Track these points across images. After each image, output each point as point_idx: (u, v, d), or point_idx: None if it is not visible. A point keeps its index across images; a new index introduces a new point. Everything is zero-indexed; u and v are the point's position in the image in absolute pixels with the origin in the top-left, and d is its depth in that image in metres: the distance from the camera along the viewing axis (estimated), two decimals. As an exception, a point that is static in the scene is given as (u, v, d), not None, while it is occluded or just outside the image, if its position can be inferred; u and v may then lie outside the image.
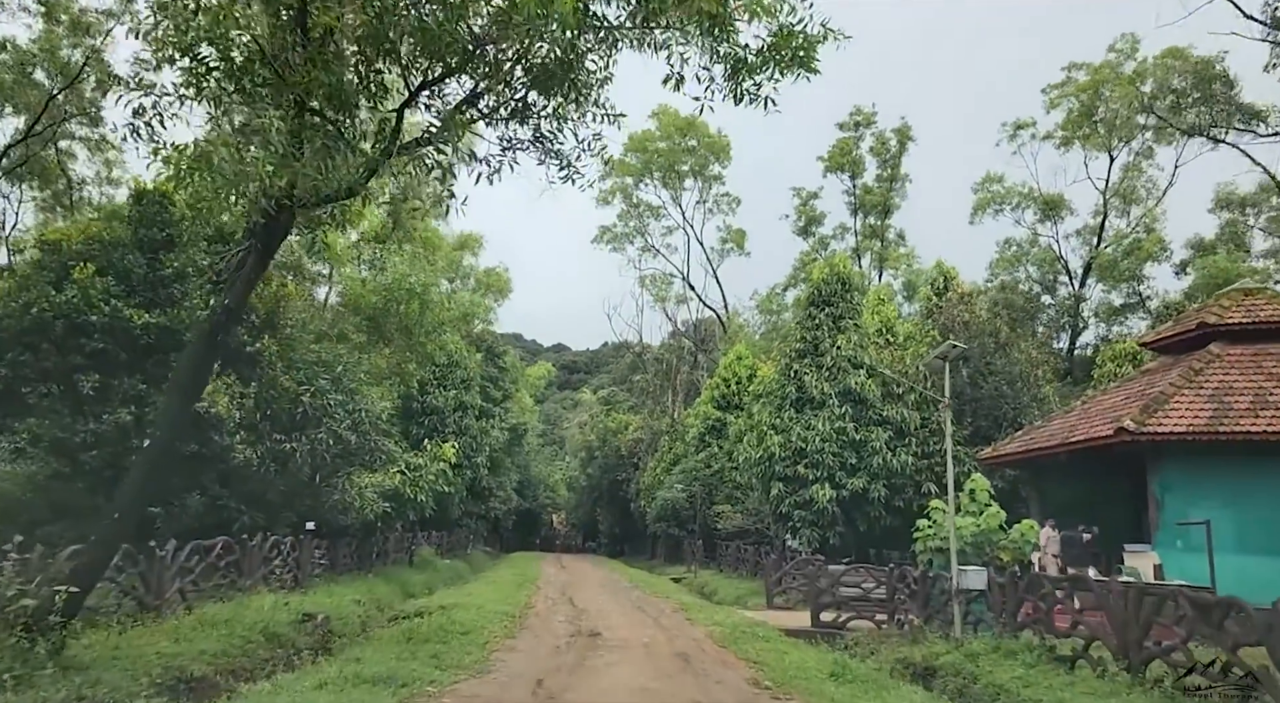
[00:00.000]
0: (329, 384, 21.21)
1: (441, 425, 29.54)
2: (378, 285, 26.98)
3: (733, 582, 32.08)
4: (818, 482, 25.48)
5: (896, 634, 16.98)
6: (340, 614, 15.33)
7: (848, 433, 25.73)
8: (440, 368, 30.48)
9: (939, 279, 29.21)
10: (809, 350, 27.27)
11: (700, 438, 47.63)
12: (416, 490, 25.06)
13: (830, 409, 26.02)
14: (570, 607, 21.32)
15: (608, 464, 60.78)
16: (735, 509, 37.94)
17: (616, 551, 67.15)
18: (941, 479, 25.61)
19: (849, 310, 27.53)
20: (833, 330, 27.19)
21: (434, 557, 35.24)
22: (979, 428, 26.11)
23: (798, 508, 25.71)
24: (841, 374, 26.44)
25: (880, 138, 54.94)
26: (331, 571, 22.49)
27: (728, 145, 57.57)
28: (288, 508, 21.66)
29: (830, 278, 27.81)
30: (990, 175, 46.62)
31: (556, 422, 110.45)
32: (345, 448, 21.43)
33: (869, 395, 26.12)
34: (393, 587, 23.98)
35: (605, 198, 57.29)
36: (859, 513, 25.74)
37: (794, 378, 27.07)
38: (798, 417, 26.48)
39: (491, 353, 45.11)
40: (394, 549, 30.06)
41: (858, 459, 25.68)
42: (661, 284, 61.39)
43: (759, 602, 24.90)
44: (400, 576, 26.30)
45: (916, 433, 25.79)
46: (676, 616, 20.05)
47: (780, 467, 25.97)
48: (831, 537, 25.55)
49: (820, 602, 18.60)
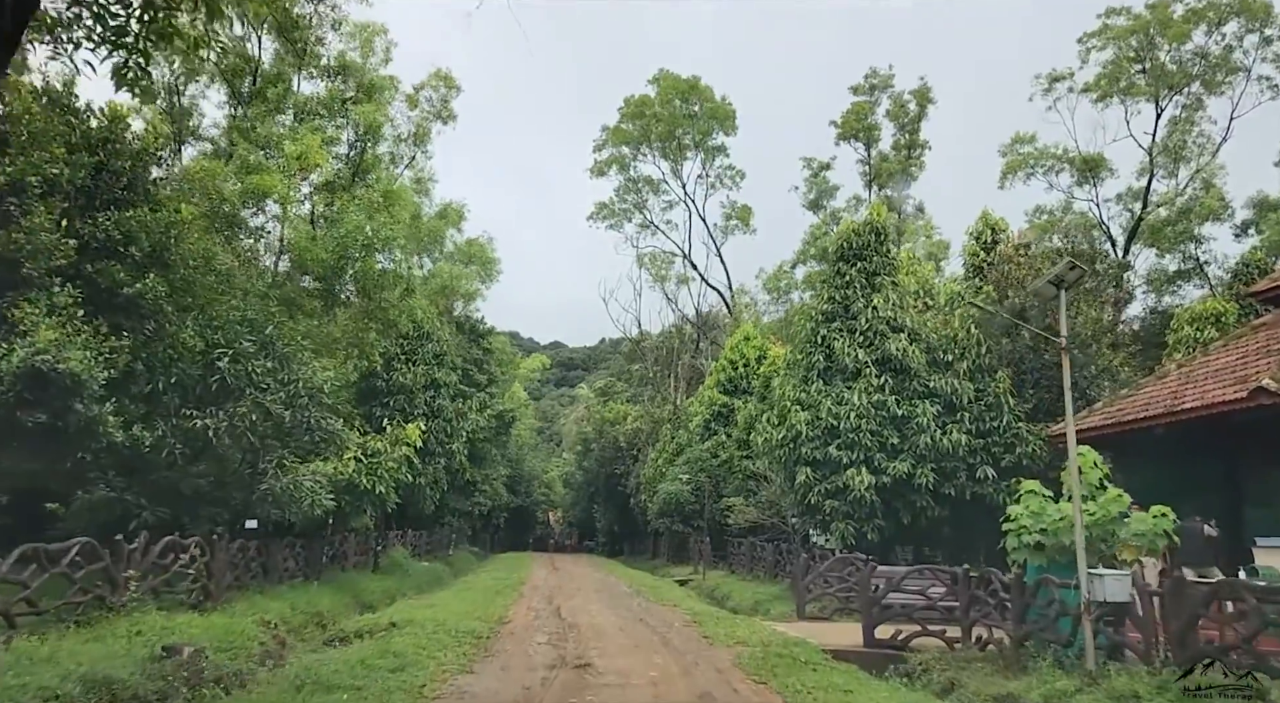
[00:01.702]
0: (255, 347, 17.10)
1: (410, 406, 25.45)
2: (329, 240, 22.86)
3: (748, 585, 27.99)
4: (853, 466, 21.38)
5: (979, 658, 12.87)
6: (233, 643, 11.20)
7: (888, 408, 21.63)
8: (409, 341, 26.36)
9: (985, 232, 25.11)
10: (838, 312, 23.16)
11: (705, 425, 43.59)
12: (375, 481, 20.97)
13: (867, 380, 21.92)
14: (556, 621, 17.22)
15: (605, 457, 56.65)
16: (749, 502, 33.86)
17: (615, 550, 63.05)
18: (1000, 462, 21.52)
19: (884, 265, 23.42)
20: (866, 289, 23.08)
21: (407, 559, 31.09)
22: (1041, 401, 22.02)
23: (829, 497, 21.61)
24: (879, 339, 22.33)
25: (898, 101, 50.87)
26: (266, 579, 18.37)
27: (733, 113, 53.38)
28: (210, 502, 17.59)
29: (862, 228, 23.71)
30: (1020, 136, 42.55)
31: (553, 419, 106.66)
32: (278, 427, 17.31)
33: (912, 363, 22.03)
34: (342, 597, 19.88)
35: (600, 169, 53.13)
36: (901, 503, 21.65)
37: (821, 345, 22.97)
38: (827, 390, 22.38)
39: (475, 333, 40.99)
40: (356, 551, 25.95)
41: (900, 439, 21.59)
42: (661, 264, 57.33)
43: (785, 610, 20.83)
44: (358, 582, 22.19)
45: (970, 407, 21.70)
46: (689, 631, 15.97)
47: (808, 449, 21.87)
48: (869, 531, 21.46)
49: (876, 613, 14.49)
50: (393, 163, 36.70)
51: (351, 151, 26.16)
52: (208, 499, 17.51)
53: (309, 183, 25.10)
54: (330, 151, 25.77)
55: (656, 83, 52.49)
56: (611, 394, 72.53)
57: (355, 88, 25.92)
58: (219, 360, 16.24)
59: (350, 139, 26.35)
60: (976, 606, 13.91)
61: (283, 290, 22.75)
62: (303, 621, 16.70)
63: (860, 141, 53.52)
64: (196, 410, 15.98)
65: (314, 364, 18.45)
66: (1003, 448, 21.36)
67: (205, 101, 25.10)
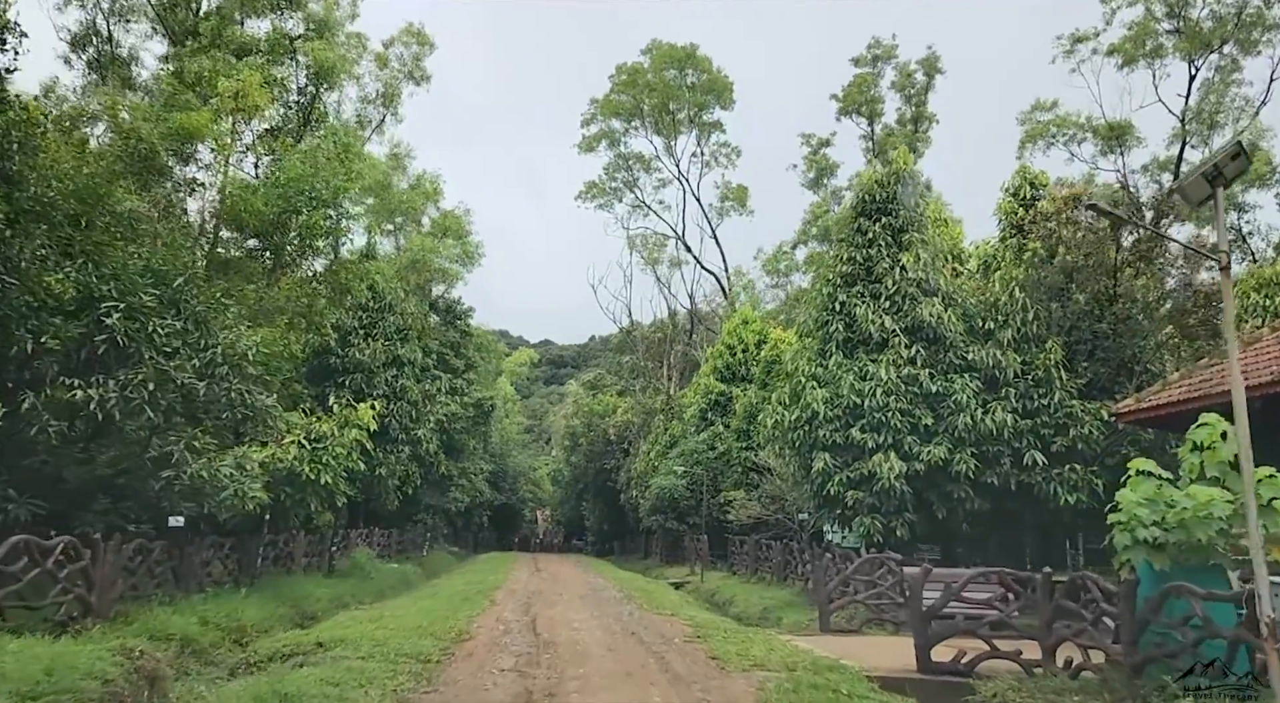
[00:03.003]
0: (158, 303, 13.89)
1: (369, 386, 22.26)
2: (270, 192, 19.63)
3: (753, 589, 24.92)
4: (880, 450, 18.34)
5: (1072, 688, 9.80)
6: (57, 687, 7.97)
7: (920, 383, 18.60)
8: (368, 312, 23.16)
9: (1023, 187, 22.07)
10: (859, 275, 20.11)
11: (701, 415, 40.54)
12: (320, 470, 17.80)
13: (895, 351, 18.87)
14: (530, 636, 14.07)
15: (594, 451, 53.49)
16: (751, 496, 30.81)
17: (605, 549, 59.91)
18: (1050, 446, 18.47)
19: (912, 221, 20.38)
20: (892, 248, 20.03)
21: (371, 561, 27.86)
22: (1096, 376, 19.01)
23: (851, 488, 18.56)
24: (908, 304, 19.29)
25: (904, 71, 47.91)
26: (178, 587, 15.14)
27: (730, 86, 50.23)
28: (109, 494, 14.41)
29: (887, 179, 20.65)
30: (1040, 103, 39.62)
31: (542, 416, 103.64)
32: (188, 401, 14.12)
33: (948, 332, 19.00)
34: (278, 607, 16.67)
35: (589, 144, 49.92)
36: (936, 493, 18.61)
37: (840, 312, 19.91)
38: (848, 363, 19.33)
39: (452, 315, 37.73)
40: (308, 551, 22.72)
41: (934, 419, 18.56)
42: (654, 247, 54.16)
43: (801, 619, 17.77)
44: (302, 589, 18.96)
45: (1015, 383, 18.67)
46: (693, 650, 12.86)
47: (826, 431, 18.82)
48: (898, 526, 18.41)
49: (933, 631, 11.39)
50: (360, 125, 33.50)
51: (302, 98, 22.99)
52: (106, 491, 14.34)
53: (251, 130, 21.84)
54: (276, 96, 22.55)
55: (650, 53, 49.34)
56: (601, 387, 69.40)
57: (305, 23, 22.72)
58: (107, 317, 13.02)
59: (301, 84, 23.17)
60: (1064, 620, 10.86)
61: (214, 249, 19.55)
62: (216, 639, 13.52)
63: (863, 116, 50.59)
64: (79, 380, 12.79)
65: (239, 328, 15.22)
66: (1053, 430, 18.33)
67: (146, 54, 21.94)
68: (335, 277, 20.23)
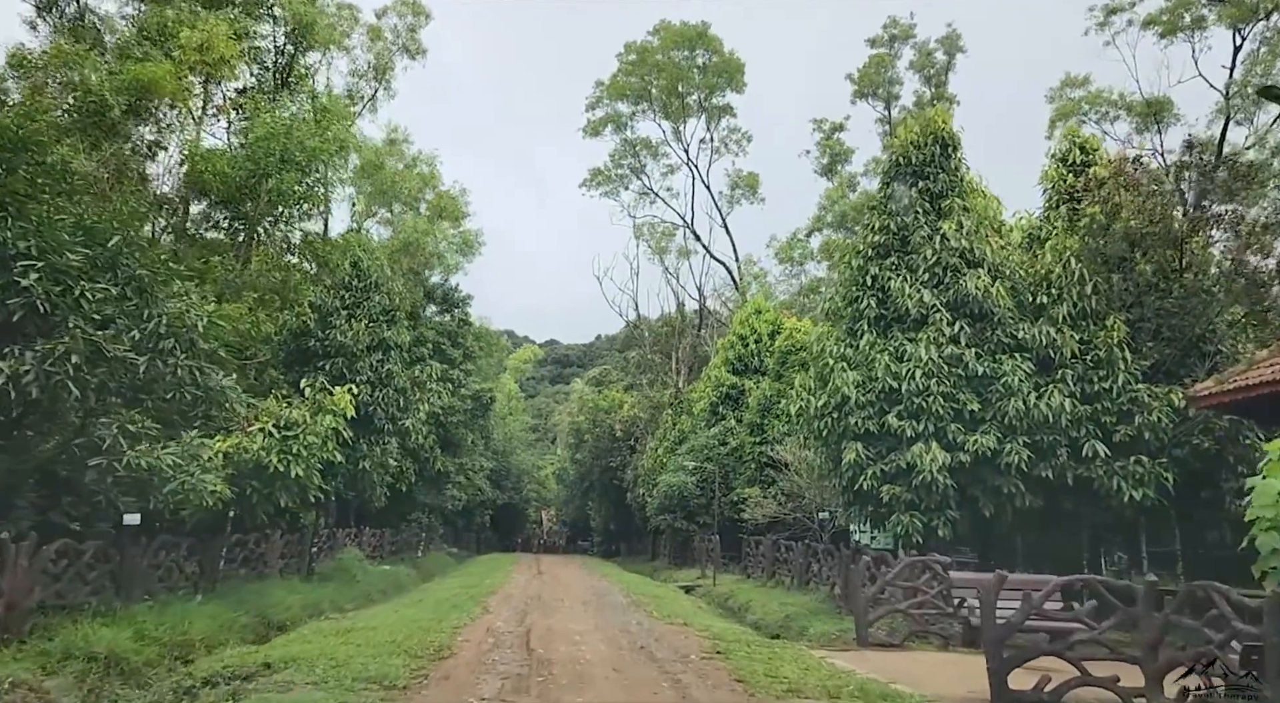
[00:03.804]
0: (87, 265, 11.92)
1: (351, 372, 20.28)
2: (236, 153, 17.65)
3: (771, 594, 22.85)
4: (920, 439, 16.28)
5: (1194, 725, 7.82)
6: None
7: (965, 364, 16.54)
8: (351, 292, 21.19)
9: (1073, 152, 19.97)
10: (894, 245, 18.04)
11: (712, 409, 38.49)
12: (291, 461, 15.82)
13: (936, 328, 16.81)
14: (522, 653, 12.04)
15: (599, 448, 51.41)
16: (766, 493, 28.78)
17: (611, 550, 57.87)
18: (1112, 435, 16.35)
19: (953, 185, 18.32)
20: (930, 215, 17.98)
21: (360, 562, 25.91)
22: (1164, 358, 16.89)
23: (887, 482, 16.51)
24: (950, 276, 17.23)
25: (922, 50, 45.74)
26: (119, 594, 13.16)
27: (741, 67, 48.12)
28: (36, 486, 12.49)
29: (923, 139, 18.58)
30: (1071, 78, 37.47)
31: (547, 416, 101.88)
32: (122, 377, 12.14)
33: (995, 306, 16.92)
34: (239, 616, 14.67)
35: (594, 128, 47.87)
36: (982, 488, 16.54)
37: (872, 286, 17.85)
38: (882, 342, 17.29)
39: (449, 302, 35.75)
40: (285, 553, 20.77)
41: (981, 405, 16.48)
42: (661, 236, 52.04)
43: (829, 630, 15.73)
44: (272, 594, 16.98)
45: (1072, 364, 16.58)
46: (714, 671, 10.81)
47: (858, 418, 16.77)
48: (940, 525, 16.34)
49: (1013, 653, 9.30)
50: (351, 100, 31.56)
51: (279, 59, 21.03)
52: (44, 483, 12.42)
53: (222, 91, 19.87)
54: (251, 56, 20.60)
55: (659, 33, 47.25)
56: (606, 383, 67.40)
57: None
58: (23, 277, 11.05)
59: (279, 44, 21.22)
60: (1176, 640, 8.80)
61: (182, 218, 17.60)
62: (154, 656, 11.53)
63: (879, 99, 48.46)
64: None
65: (190, 297, 13.23)
66: (1115, 417, 16.23)
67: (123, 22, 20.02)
68: (312, 249, 18.27)
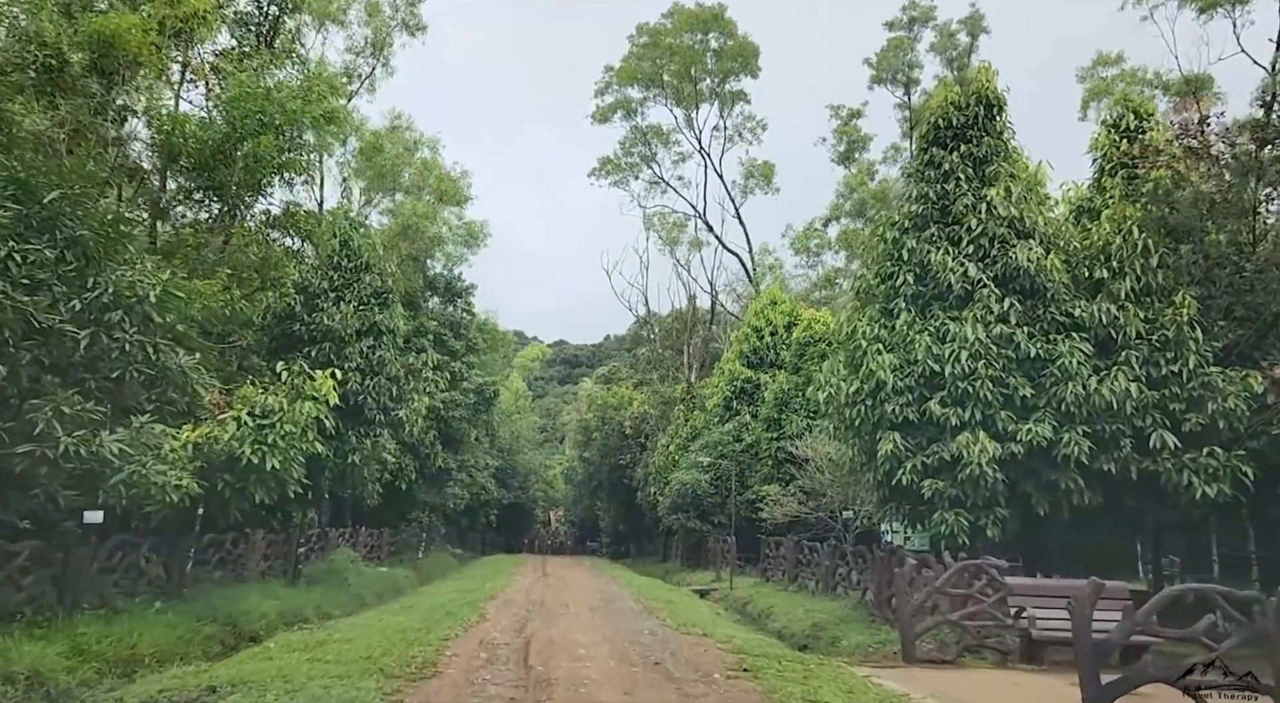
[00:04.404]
0: (18, 224, 10.36)
1: (339, 358, 18.71)
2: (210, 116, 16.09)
3: (794, 599, 21.19)
4: (966, 428, 14.57)
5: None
6: None
7: (1016, 344, 14.82)
8: (340, 272, 19.60)
9: (1126, 117, 18.23)
10: (933, 215, 16.34)
11: (726, 404, 36.86)
12: (266, 453, 14.22)
13: (983, 305, 15.10)
14: (518, 671, 10.38)
15: (608, 446, 49.78)
16: (786, 491, 27.11)
17: (620, 551, 56.20)
18: (1181, 425, 14.60)
19: (998, 149, 16.60)
20: (974, 182, 16.27)
21: (354, 564, 24.34)
22: (1238, 339, 15.13)
23: (929, 475, 14.80)
24: (997, 248, 15.52)
25: (944, 32, 43.94)
26: (61, 603, 11.60)
27: (756, 52, 46.39)
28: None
29: (965, 98, 16.88)
30: (1104, 56, 35.65)
31: (556, 416, 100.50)
32: (68, 352, 10.58)
33: (1049, 281, 15.20)
34: (202, 625, 13.08)
35: (603, 115, 46.25)
36: (1035, 483, 14.81)
37: (909, 261, 16.15)
38: (922, 322, 15.60)
39: (451, 292, 34.16)
40: (268, 554, 19.24)
41: (1035, 390, 14.76)
42: (673, 227, 50.36)
43: (865, 641, 14.06)
44: (248, 600, 15.38)
45: (1136, 345, 14.83)
46: (743, 695, 9.12)
47: (895, 406, 15.07)
48: (988, 524, 14.62)
49: (1118, 682, 7.58)
50: (348, 79, 30.05)
51: (263, 16, 19.44)
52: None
53: (198, 54, 18.31)
54: (230, 15, 19.03)
55: (671, 16, 45.59)
56: (616, 380, 65.83)
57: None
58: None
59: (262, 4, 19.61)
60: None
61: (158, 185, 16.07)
62: (91, 674, 9.96)
63: (898, 84, 46.69)
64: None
65: (143, 264, 11.66)
66: (1185, 404, 14.46)
67: None
68: (295, 223, 16.69)
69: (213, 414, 14.68)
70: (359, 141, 31.31)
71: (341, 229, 19.70)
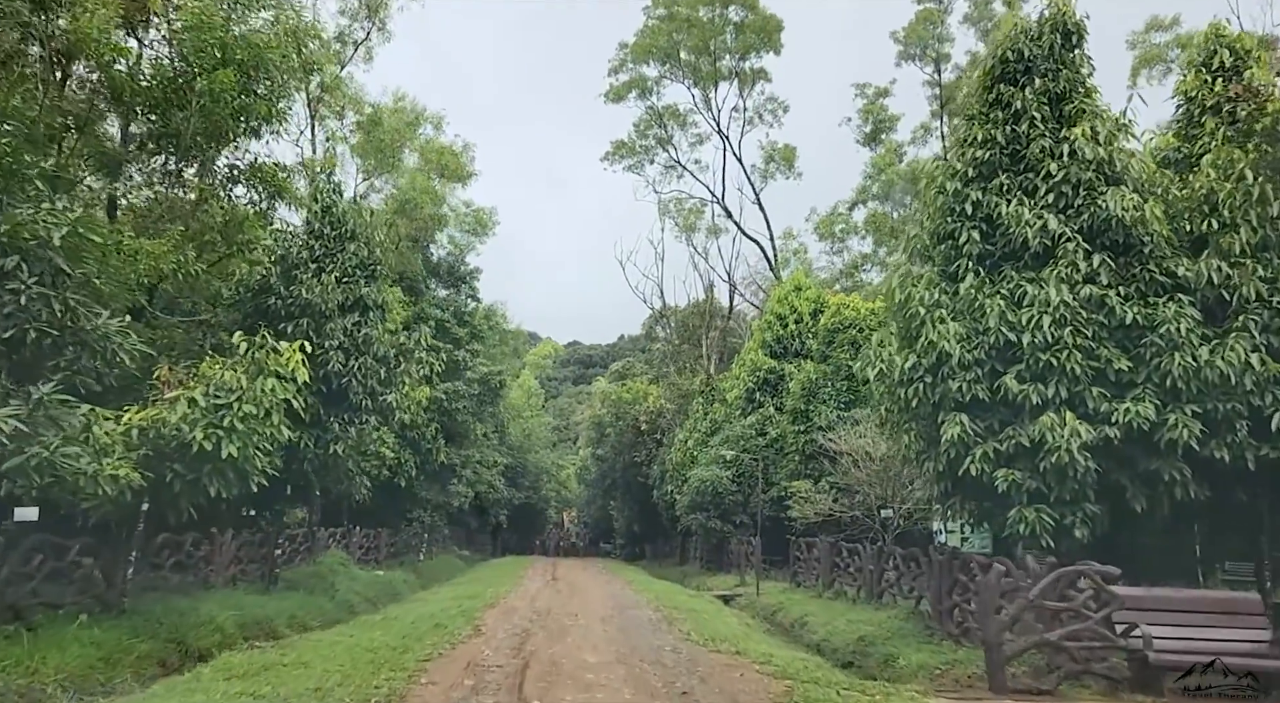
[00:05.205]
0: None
1: (319, 335, 16.55)
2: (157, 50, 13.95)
3: (830, 606, 18.90)
4: (1049, 408, 12.21)
5: None
6: None
7: (1109, 308, 12.45)
8: (321, 240, 17.45)
9: (1219, 54, 15.78)
10: (1001, 162, 13.97)
11: (748, 396, 34.58)
12: (221, 437, 12.09)
13: (1068, 262, 12.73)
14: None
15: (622, 443, 47.49)
16: (818, 487, 24.76)
17: (635, 553, 53.91)
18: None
19: (1078, 84, 14.23)
20: (1051, 122, 13.90)
21: (345, 566, 22.24)
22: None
23: (1001, 464, 12.44)
24: (1084, 196, 13.14)
25: (978, 1, 41.41)
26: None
27: (779, 26, 44.03)
28: None
29: (1040, 28, 14.50)
30: (1156, 20, 33.10)
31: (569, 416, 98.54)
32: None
33: (1147, 234, 12.81)
34: (139, 642, 10.92)
35: (618, 93, 44.00)
36: (1130, 474, 12.42)
37: (973, 216, 13.80)
38: (992, 284, 13.25)
39: (454, 276, 32.02)
40: (243, 556, 17.09)
41: (1132, 363, 12.38)
42: (690, 213, 48.04)
43: (930, 662, 11.76)
44: (204, 610, 13.21)
45: (1255, 309, 12.40)
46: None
47: (961, 382, 12.72)
48: (1076, 523, 12.24)
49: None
50: (341, 44, 27.99)
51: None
52: None
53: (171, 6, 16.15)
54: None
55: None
56: (630, 375, 63.62)
57: None
58: None
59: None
60: None
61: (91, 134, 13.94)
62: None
63: (927, 60, 44.21)
64: None
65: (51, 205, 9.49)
66: (1313, 378, 12.04)
67: None
68: (262, 177, 14.54)
69: (161, 392, 12.58)
70: (356, 115, 29.23)
71: (322, 192, 17.51)
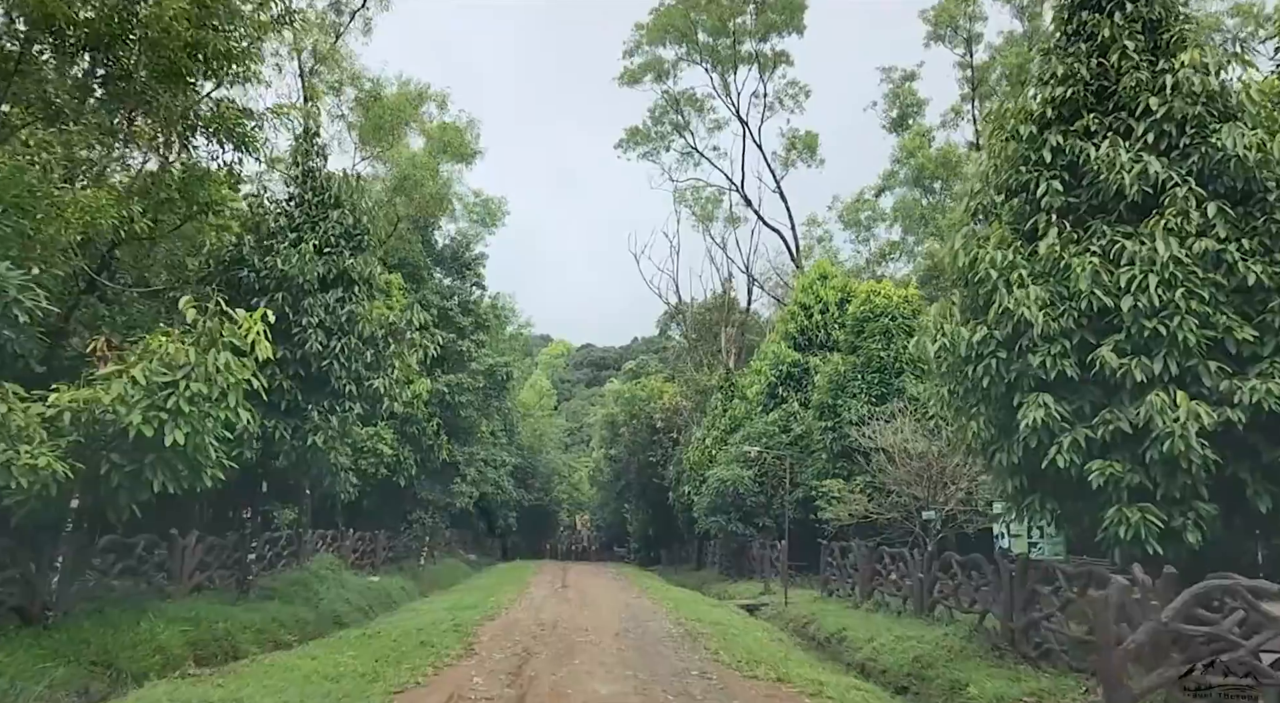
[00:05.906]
0: None
1: (296, 312, 14.60)
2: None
3: (870, 619, 16.78)
4: (1155, 385, 10.10)
5: None
6: None
7: (1228, 265, 10.33)
8: (303, 207, 15.52)
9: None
10: (1085, 101, 11.88)
11: (770, 391, 32.49)
12: (165, 422, 10.18)
13: (1176, 211, 10.60)
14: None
15: (637, 443, 45.44)
16: (851, 487, 22.64)
17: (650, 557, 51.74)
18: None
19: (1173, 10, 12.12)
20: (1147, 52, 11.80)
21: (335, 571, 20.32)
22: None
23: (1095, 455, 10.33)
24: (1193, 135, 11.02)
25: (1014, -25, 39.20)
26: None
27: (802, 5, 41.96)
28: None
29: (1128, -56, 12.40)
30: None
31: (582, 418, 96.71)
32: None
33: (1272, 180, 10.68)
34: (54, 667, 8.98)
35: (632, 76, 42.05)
36: (1250, 467, 10.29)
37: (1052, 163, 11.71)
38: (1081, 241, 11.14)
39: (458, 262, 30.12)
40: (211, 561, 15.16)
41: (1256, 331, 10.25)
42: (707, 202, 46.00)
43: (1011, 693, 9.75)
44: (149, 626, 11.25)
45: (1405, 267, 10.25)
46: None
47: (1044, 357, 10.63)
48: (1187, 526, 10.11)
49: None
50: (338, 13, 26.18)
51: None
52: None
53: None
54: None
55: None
56: (644, 373, 61.60)
57: None
58: None
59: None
60: None
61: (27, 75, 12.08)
62: None
63: (958, 40, 42.03)
64: None
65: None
66: None
67: None
68: (225, 124, 12.65)
69: (99, 363, 10.70)
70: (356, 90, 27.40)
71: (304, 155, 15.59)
